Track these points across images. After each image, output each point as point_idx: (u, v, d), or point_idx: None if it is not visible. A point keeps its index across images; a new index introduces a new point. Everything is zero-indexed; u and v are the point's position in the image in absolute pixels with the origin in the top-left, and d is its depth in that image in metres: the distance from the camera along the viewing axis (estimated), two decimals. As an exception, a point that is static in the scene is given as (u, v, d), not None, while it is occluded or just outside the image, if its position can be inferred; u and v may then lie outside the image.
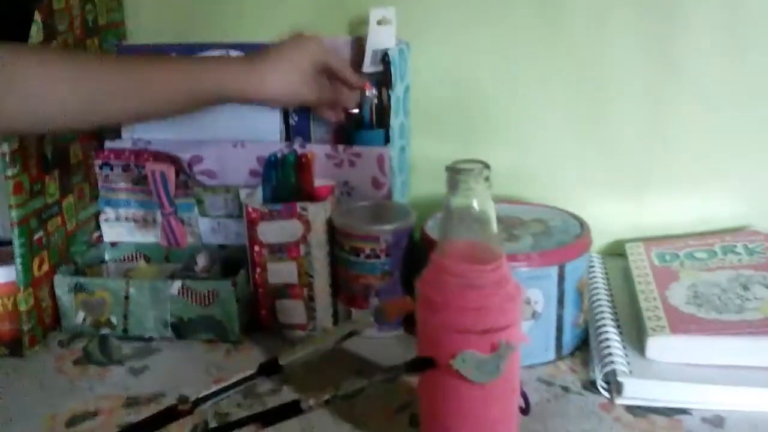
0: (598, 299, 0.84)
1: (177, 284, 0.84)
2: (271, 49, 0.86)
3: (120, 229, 0.98)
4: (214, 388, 0.65)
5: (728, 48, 0.92)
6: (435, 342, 0.59)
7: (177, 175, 0.92)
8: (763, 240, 0.89)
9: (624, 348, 0.75)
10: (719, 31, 0.92)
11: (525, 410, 0.65)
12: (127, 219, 0.98)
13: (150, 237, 0.97)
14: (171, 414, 0.63)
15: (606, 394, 0.72)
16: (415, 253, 0.83)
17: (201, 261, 0.91)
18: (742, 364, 0.71)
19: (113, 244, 0.98)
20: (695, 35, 0.92)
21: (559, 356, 0.79)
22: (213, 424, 0.70)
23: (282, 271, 0.84)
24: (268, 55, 0.85)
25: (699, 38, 0.92)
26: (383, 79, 0.91)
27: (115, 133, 0.98)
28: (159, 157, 0.93)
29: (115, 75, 0.79)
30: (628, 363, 0.73)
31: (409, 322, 0.68)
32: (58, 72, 0.75)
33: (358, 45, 0.93)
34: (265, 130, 0.95)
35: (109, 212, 0.98)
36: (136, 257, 0.98)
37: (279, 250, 0.83)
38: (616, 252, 0.98)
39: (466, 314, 0.57)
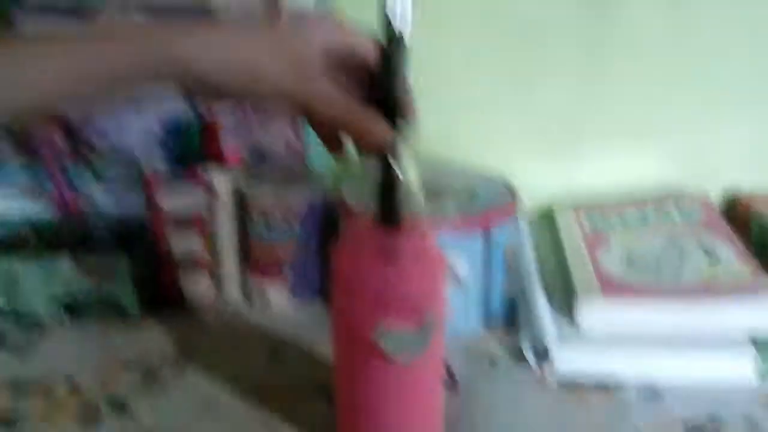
0: (527, 266, 0.80)
1: (69, 260, 0.76)
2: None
3: (5, 199, 0.89)
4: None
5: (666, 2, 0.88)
6: (353, 319, 0.54)
7: (67, 137, 0.83)
8: (697, 204, 0.85)
9: (554, 317, 0.71)
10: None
11: (451, 387, 0.60)
12: (11, 187, 0.89)
13: (39, 207, 0.88)
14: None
15: (535, 365, 0.68)
16: (332, 220, 0.77)
17: (97, 232, 0.83)
18: (679, 331, 0.67)
19: (-3, 217, 0.89)
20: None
21: (486, 325, 0.74)
22: (104, 408, 0.63)
23: (186, 242, 0.77)
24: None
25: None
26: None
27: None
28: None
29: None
30: (559, 332, 0.69)
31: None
32: None
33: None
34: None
35: (-9, 181, 0.88)
36: (24, 230, 0.89)
37: (182, 220, 0.76)
38: (546, 217, 0.93)
39: (387, 288, 0.52)
